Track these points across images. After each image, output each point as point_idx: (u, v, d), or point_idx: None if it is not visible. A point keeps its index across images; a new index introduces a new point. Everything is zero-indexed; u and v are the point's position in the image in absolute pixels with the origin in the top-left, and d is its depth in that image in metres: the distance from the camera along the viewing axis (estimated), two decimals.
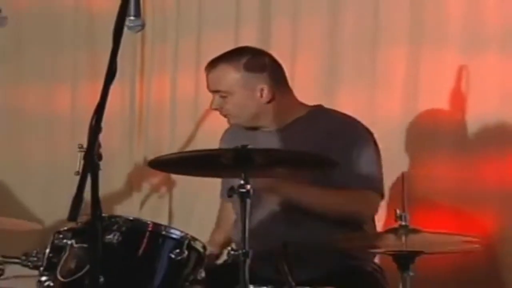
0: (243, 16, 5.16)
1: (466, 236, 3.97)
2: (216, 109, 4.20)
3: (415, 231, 3.60)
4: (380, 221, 4.33)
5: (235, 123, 4.23)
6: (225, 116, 4.21)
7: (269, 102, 4.18)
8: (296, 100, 4.27)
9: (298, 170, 3.91)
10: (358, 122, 4.22)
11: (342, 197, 4.05)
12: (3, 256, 3.81)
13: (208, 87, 4.20)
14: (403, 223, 3.59)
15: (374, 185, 4.12)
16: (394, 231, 3.61)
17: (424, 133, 4.93)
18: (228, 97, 4.15)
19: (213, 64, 4.23)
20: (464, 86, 4.85)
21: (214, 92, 4.18)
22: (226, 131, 4.44)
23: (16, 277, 3.94)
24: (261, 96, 4.18)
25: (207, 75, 4.21)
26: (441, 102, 4.92)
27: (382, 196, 4.18)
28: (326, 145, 3.94)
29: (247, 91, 4.18)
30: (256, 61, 4.20)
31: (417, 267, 3.60)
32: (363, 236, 4.06)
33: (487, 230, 4.70)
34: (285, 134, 4.17)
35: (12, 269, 3.86)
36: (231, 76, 4.17)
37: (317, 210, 3.99)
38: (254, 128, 4.22)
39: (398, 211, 3.61)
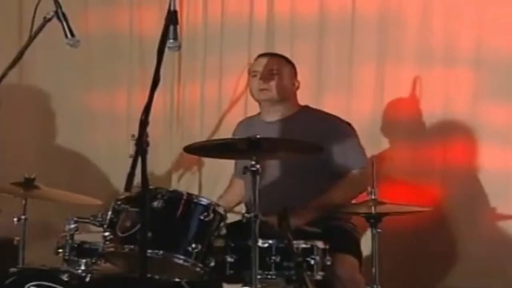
0: (253, 40, 5.14)
1: (418, 206, 3.98)
2: (263, 83, 4.16)
3: (382, 203, 3.58)
4: None
5: (268, 98, 4.17)
6: (263, 89, 4.16)
7: (293, 93, 4.21)
8: (297, 100, 4.26)
9: (294, 154, 3.87)
10: (339, 118, 4.20)
11: (349, 188, 4.02)
12: (78, 217, 3.79)
13: (262, 66, 4.17)
14: (373, 197, 3.57)
15: (365, 162, 4.09)
16: (366, 203, 3.59)
17: (388, 127, 4.90)
18: (276, 77, 4.13)
19: (274, 54, 4.31)
20: (418, 92, 4.83)
21: (269, 71, 4.15)
22: (239, 124, 4.42)
23: (87, 232, 3.92)
24: (294, 85, 4.20)
25: (266, 59, 4.21)
26: (401, 104, 4.90)
27: None
28: (318, 135, 3.91)
29: (290, 79, 4.19)
30: (293, 66, 4.27)
31: (383, 226, 3.58)
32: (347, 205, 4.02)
33: (435, 198, 4.67)
34: (285, 125, 4.15)
35: (84, 227, 3.86)
36: (285, 64, 4.22)
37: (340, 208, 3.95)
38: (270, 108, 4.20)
39: (369, 188, 3.59)
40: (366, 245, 4.01)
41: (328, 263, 3.62)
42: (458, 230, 4.74)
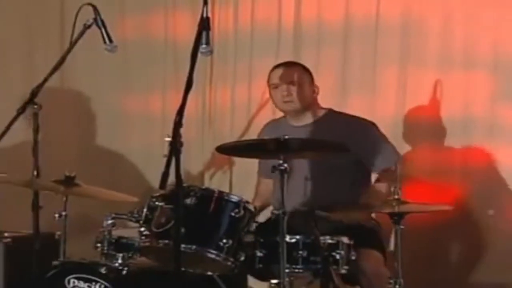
0: (281, 45, 5.13)
1: (439, 205, 3.96)
2: (286, 95, 4.12)
3: (405, 202, 3.57)
4: None
5: (292, 108, 4.15)
6: (287, 101, 4.13)
7: (314, 99, 4.18)
8: (319, 104, 4.25)
9: (321, 154, 3.87)
10: (363, 118, 4.19)
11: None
12: (115, 213, 3.81)
13: (281, 78, 4.14)
14: (396, 196, 3.56)
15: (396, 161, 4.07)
16: (390, 202, 3.58)
17: (410, 129, 4.87)
18: (297, 87, 4.11)
19: (290, 63, 4.25)
20: (439, 94, 4.80)
21: (289, 82, 4.12)
22: (265, 126, 4.42)
23: (124, 227, 3.94)
24: (314, 92, 4.17)
25: (283, 70, 4.17)
26: (422, 106, 4.87)
27: None
28: (345, 136, 3.88)
29: (310, 86, 4.16)
30: (310, 72, 4.22)
31: (405, 223, 3.57)
32: (371, 204, 4.00)
33: (455, 197, 4.64)
34: (312, 129, 4.15)
35: (121, 222, 3.87)
36: (303, 72, 4.17)
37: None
38: (295, 117, 4.18)
39: (392, 188, 3.58)
40: (389, 241, 4.01)
41: (353, 257, 3.62)
42: (478, 228, 4.71)
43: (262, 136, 4.31)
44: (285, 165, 3.44)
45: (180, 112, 2.99)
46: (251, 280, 3.96)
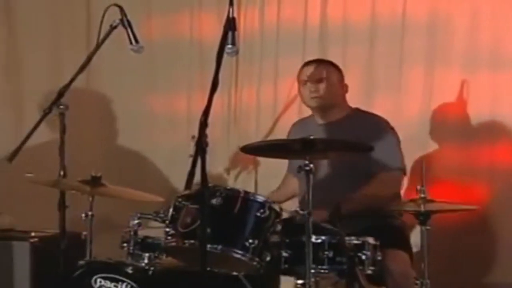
0: (307, 45, 5.10)
1: (466, 204, 3.93)
2: (314, 91, 4.15)
3: (430, 201, 3.55)
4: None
5: (319, 104, 4.16)
6: (314, 97, 4.15)
7: (343, 96, 4.19)
8: (347, 102, 4.23)
9: (345, 154, 3.85)
10: (386, 121, 4.17)
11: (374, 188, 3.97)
12: (141, 213, 3.82)
13: (310, 75, 4.18)
14: (422, 195, 3.54)
15: (401, 165, 4.07)
16: (415, 201, 3.56)
17: (436, 128, 4.84)
18: (325, 83, 4.11)
19: (320, 61, 4.28)
20: (465, 94, 4.76)
21: (318, 79, 4.14)
22: (293, 125, 4.42)
23: (149, 227, 3.94)
24: (343, 89, 4.18)
25: (313, 67, 4.20)
26: (448, 105, 4.84)
27: (405, 173, 4.14)
28: (365, 136, 3.88)
29: (339, 83, 4.17)
30: (339, 71, 4.25)
31: (431, 224, 3.55)
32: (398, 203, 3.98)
33: (481, 197, 4.61)
34: (337, 127, 4.14)
35: (147, 222, 3.88)
36: (332, 69, 4.20)
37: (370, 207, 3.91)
38: (322, 113, 4.18)
39: (418, 187, 3.56)
40: (415, 241, 3.98)
41: (379, 258, 3.60)
42: (504, 228, 4.67)
43: (290, 136, 4.31)
44: (311, 165, 3.43)
45: (206, 112, 2.99)
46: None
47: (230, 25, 3.15)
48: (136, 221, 3.79)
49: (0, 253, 4.43)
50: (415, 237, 3.93)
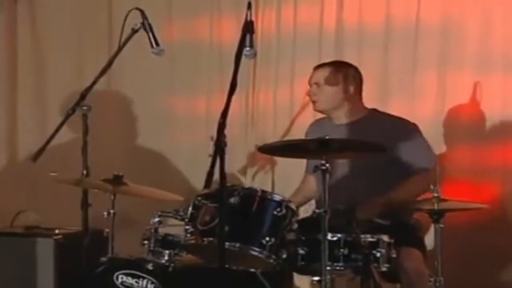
0: (323, 48, 5.10)
1: (478, 203, 3.91)
2: (310, 96, 4.15)
3: (444, 200, 3.53)
4: None
5: (318, 109, 4.16)
6: (313, 102, 4.16)
7: (347, 99, 4.14)
8: (362, 103, 4.22)
9: (360, 154, 3.85)
10: (405, 119, 4.16)
11: (415, 186, 3.95)
12: (162, 211, 3.82)
13: (310, 79, 4.19)
14: (436, 194, 3.52)
15: (434, 162, 4.04)
16: (429, 200, 3.54)
17: (449, 129, 4.82)
18: (320, 89, 4.09)
19: (322, 65, 4.23)
20: (478, 96, 4.74)
21: (314, 83, 4.14)
22: (310, 125, 4.41)
23: (170, 225, 3.94)
24: (349, 90, 4.14)
25: (313, 71, 4.20)
26: (461, 107, 4.82)
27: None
28: (386, 136, 3.85)
29: (343, 84, 4.13)
30: (350, 71, 4.18)
31: (445, 222, 3.53)
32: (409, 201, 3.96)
33: (494, 196, 4.59)
34: (354, 128, 4.12)
35: (167, 220, 3.89)
36: (335, 72, 4.15)
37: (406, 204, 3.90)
38: (331, 115, 4.16)
39: (432, 186, 3.55)
40: (428, 239, 3.97)
41: (393, 255, 3.59)
42: None
43: (307, 136, 4.30)
44: (327, 165, 3.42)
45: (224, 114, 3.00)
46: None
47: (248, 28, 3.15)
48: (156, 219, 3.80)
49: (25, 249, 4.45)
50: (429, 235, 3.91)
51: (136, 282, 3.66)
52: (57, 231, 4.51)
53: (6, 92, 5.68)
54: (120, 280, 3.68)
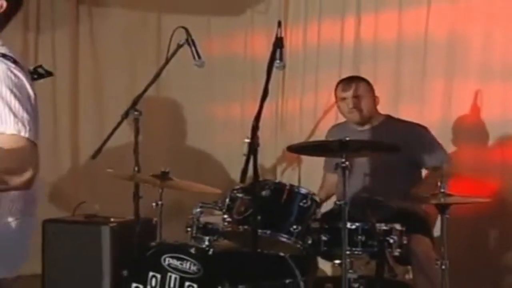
0: (343, 60, 5.08)
1: (480, 197, 3.87)
2: (352, 108, 4.07)
3: (450, 195, 3.50)
4: None
5: (358, 119, 4.08)
6: (352, 113, 4.07)
7: (376, 107, 4.13)
8: (377, 110, 4.20)
9: (377, 153, 3.83)
10: (417, 123, 4.14)
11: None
12: (203, 203, 3.84)
13: (348, 92, 4.07)
14: (442, 190, 3.49)
15: (447, 159, 4.00)
16: (436, 194, 3.51)
17: (455, 132, 4.77)
18: (362, 100, 4.06)
19: (355, 79, 4.16)
20: (479, 102, 4.69)
21: (354, 96, 4.05)
22: (331, 128, 4.39)
23: (210, 215, 3.95)
24: (375, 101, 4.12)
25: (349, 85, 4.09)
26: (465, 112, 4.76)
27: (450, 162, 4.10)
28: (403, 140, 3.81)
29: (372, 97, 4.10)
30: (371, 84, 4.15)
31: (451, 213, 3.50)
32: (421, 197, 3.92)
33: (494, 191, 4.54)
34: (374, 132, 4.10)
35: (207, 210, 3.89)
36: (366, 86, 4.11)
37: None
38: (361, 124, 4.12)
39: (439, 183, 3.52)
40: (436, 228, 3.94)
41: (405, 242, 3.57)
42: None
43: (328, 137, 4.28)
44: (347, 163, 3.41)
45: (257, 118, 3.00)
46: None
47: (278, 43, 3.15)
48: (198, 210, 3.80)
49: (86, 235, 4.49)
50: (437, 225, 3.88)
51: (181, 263, 3.67)
52: (112, 220, 4.53)
53: (69, 102, 5.73)
54: (167, 262, 3.70)
